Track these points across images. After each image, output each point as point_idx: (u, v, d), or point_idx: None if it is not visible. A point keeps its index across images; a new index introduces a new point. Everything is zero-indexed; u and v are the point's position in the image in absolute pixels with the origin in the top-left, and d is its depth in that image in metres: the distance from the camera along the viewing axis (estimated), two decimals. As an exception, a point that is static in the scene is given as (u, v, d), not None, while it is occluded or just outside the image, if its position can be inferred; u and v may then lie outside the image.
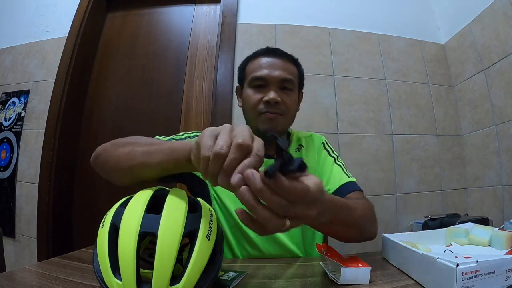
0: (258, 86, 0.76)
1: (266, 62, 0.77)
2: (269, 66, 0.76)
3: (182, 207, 0.40)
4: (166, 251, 0.35)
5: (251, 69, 0.78)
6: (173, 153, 0.45)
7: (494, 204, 1.25)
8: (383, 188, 1.39)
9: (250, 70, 0.79)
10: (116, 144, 0.57)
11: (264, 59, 0.77)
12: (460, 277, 0.36)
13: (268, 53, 0.79)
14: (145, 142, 0.55)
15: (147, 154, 0.49)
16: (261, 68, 0.76)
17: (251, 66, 0.79)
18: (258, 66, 0.77)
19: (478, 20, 1.33)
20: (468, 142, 1.44)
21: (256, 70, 0.76)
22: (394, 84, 1.51)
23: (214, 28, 1.63)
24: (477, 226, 0.64)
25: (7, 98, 1.63)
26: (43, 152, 1.45)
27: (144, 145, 0.52)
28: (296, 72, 0.80)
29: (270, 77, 0.74)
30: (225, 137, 0.33)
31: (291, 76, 0.77)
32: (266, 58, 0.77)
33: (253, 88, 0.77)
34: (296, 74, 0.80)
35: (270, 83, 0.74)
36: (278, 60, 0.77)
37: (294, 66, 0.80)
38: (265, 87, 0.75)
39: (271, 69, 0.75)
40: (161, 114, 1.54)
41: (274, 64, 0.76)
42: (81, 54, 1.57)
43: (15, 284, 0.43)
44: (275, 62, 0.76)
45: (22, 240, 1.44)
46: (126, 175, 0.53)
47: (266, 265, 0.59)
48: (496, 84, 1.25)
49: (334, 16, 1.55)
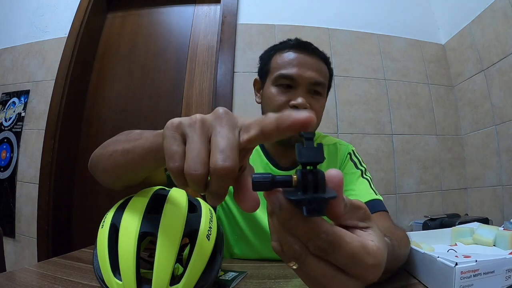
0: (286, 86, 0.66)
1: (296, 58, 0.66)
2: (300, 64, 0.66)
3: (182, 207, 0.41)
4: (166, 251, 0.36)
5: (278, 64, 0.68)
6: (147, 153, 0.36)
7: (494, 204, 1.25)
8: (383, 188, 1.38)
9: (277, 64, 0.68)
10: (104, 145, 0.49)
11: (294, 54, 0.67)
12: (459, 276, 0.36)
13: (299, 47, 0.68)
14: (126, 138, 0.44)
15: (126, 153, 0.40)
16: (291, 65, 0.66)
17: (278, 59, 0.69)
18: (287, 62, 0.67)
19: (478, 20, 1.33)
20: (468, 142, 1.44)
21: (285, 66, 0.66)
22: (394, 84, 1.51)
23: (214, 28, 1.63)
24: (482, 225, 0.64)
25: (7, 98, 1.63)
26: (43, 152, 1.45)
27: (125, 141, 0.42)
28: (327, 73, 0.71)
29: (300, 78, 0.65)
30: (197, 148, 0.22)
31: (323, 78, 0.68)
32: (297, 54, 0.67)
33: (278, 86, 0.67)
34: (327, 75, 0.71)
35: (299, 84, 0.65)
36: (310, 57, 0.67)
37: (326, 65, 0.70)
38: (292, 88, 0.65)
39: (302, 68, 0.65)
40: (161, 114, 1.54)
41: (306, 62, 0.66)
42: (81, 54, 1.57)
43: (15, 284, 0.43)
44: (307, 60, 0.66)
45: (22, 240, 1.44)
46: (115, 180, 0.47)
47: (266, 265, 0.59)
48: (496, 84, 1.25)
49: (334, 16, 1.55)
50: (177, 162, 0.23)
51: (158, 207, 0.39)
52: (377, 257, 0.20)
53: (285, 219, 0.19)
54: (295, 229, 0.19)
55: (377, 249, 0.20)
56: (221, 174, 0.21)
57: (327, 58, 0.72)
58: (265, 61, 0.73)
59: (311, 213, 0.18)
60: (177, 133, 0.24)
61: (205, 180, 0.22)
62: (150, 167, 0.38)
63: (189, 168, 0.21)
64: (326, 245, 0.19)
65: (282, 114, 0.20)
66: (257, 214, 0.68)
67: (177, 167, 0.22)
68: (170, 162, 0.23)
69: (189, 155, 0.22)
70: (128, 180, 0.45)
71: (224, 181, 0.21)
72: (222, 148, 0.21)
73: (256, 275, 0.52)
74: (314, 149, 0.19)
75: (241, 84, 1.41)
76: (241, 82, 1.41)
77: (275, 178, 0.19)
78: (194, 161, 0.22)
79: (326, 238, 0.18)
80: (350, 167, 0.71)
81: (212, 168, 0.21)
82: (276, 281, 0.49)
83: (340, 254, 0.19)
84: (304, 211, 0.18)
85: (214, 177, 0.21)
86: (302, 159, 0.19)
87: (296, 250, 0.19)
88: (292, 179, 0.19)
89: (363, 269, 0.19)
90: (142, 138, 0.38)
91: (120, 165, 0.42)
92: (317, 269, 0.20)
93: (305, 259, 0.19)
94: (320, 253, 0.19)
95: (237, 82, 1.42)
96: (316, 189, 0.18)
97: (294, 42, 0.71)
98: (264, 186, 0.19)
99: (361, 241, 0.20)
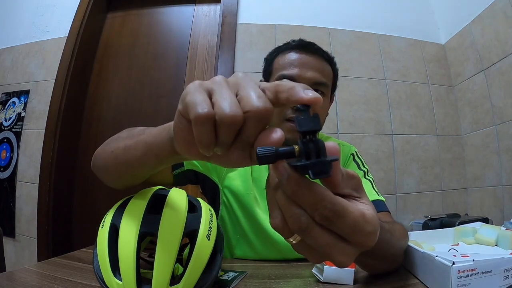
0: None
1: (297, 59, 0.66)
2: (301, 64, 0.65)
3: (182, 207, 0.41)
4: (166, 251, 0.36)
5: (280, 65, 0.68)
6: (150, 149, 0.35)
7: (494, 204, 1.25)
8: (383, 188, 1.38)
9: (279, 65, 0.68)
10: (106, 142, 0.48)
11: (295, 54, 0.67)
12: (456, 275, 0.37)
13: (301, 48, 0.68)
14: (128, 134, 0.43)
15: (128, 149, 0.39)
16: (292, 66, 0.66)
17: (280, 60, 0.69)
18: (289, 63, 0.66)
19: (478, 20, 1.33)
20: (468, 142, 1.44)
21: (286, 67, 0.66)
22: (394, 84, 1.51)
23: (214, 28, 1.63)
24: (484, 225, 0.64)
25: (7, 98, 1.63)
26: (43, 152, 1.45)
27: (127, 138, 0.42)
28: (331, 74, 0.70)
29: (301, 79, 0.64)
30: (229, 95, 0.21)
31: (326, 79, 0.67)
32: (298, 54, 0.67)
33: None
34: (331, 76, 0.70)
35: None
36: (312, 58, 0.66)
37: (329, 66, 0.70)
38: None
39: (303, 68, 0.65)
40: (161, 114, 1.54)
41: (307, 62, 0.66)
42: (81, 54, 1.57)
43: (15, 284, 0.43)
44: (308, 60, 0.66)
45: (22, 240, 1.44)
46: (117, 179, 0.46)
47: (266, 265, 0.60)
48: (496, 84, 1.25)
49: (334, 16, 1.55)
50: (206, 108, 0.21)
51: (158, 207, 0.39)
52: (374, 225, 0.21)
53: (293, 190, 0.19)
54: (302, 199, 0.20)
55: (373, 217, 0.21)
56: (262, 115, 0.20)
57: (332, 58, 0.72)
58: (268, 62, 0.73)
59: (317, 175, 0.19)
60: (201, 88, 0.23)
61: (241, 125, 0.21)
62: (152, 163, 0.37)
63: (224, 111, 0.20)
64: (331, 214, 0.19)
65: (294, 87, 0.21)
66: (259, 216, 0.68)
67: (206, 112, 0.21)
68: (198, 109, 0.21)
69: (222, 101, 0.21)
70: (130, 179, 0.44)
71: (263, 124, 0.21)
72: (258, 94, 0.21)
73: (256, 275, 0.52)
74: (311, 118, 0.20)
75: (241, 84, 1.41)
76: (241, 82, 1.41)
77: (279, 150, 0.20)
78: (230, 104, 0.20)
79: (332, 207, 0.19)
80: (353, 168, 0.70)
81: (253, 110, 0.20)
82: (276, 281, 0.49)
83: (344, 223, 0.20)
84: (311, 174, 0.19)
85: (252, 120, 0.20)
86: (302, 128, 0.20)
87: (303, 221, 0.20)
88: (295, 150, 0.20)
89: (362, 236, 0.20)
90: (145, 134, 0.37)
91: (122, 162, 0.41)
92: (320, 239, 0.20)
93: (311, 230, 0.20)
94: (324, 222, 0.20)
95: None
96: (318, 155, 0.19)
97: (296, 43, 0.71)
98: (269, 158, 0.19)
99: (360, 209, 0.21)
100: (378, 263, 0.45)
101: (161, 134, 0.33)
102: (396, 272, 0.51)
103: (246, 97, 0.21)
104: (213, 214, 0.46)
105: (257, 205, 0.69)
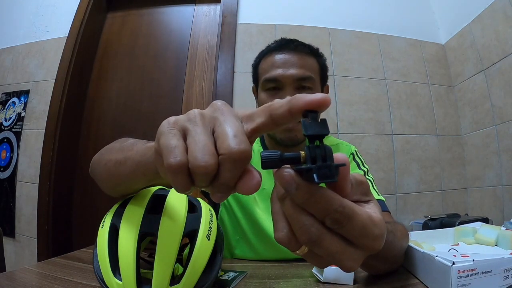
0: (272, 89, 0.67)
1: (279, 60, 0.67)
2: (283, 64, 0.66)
3: (182, 207, 0.41)
4: (166, 251, 0.36)
5: (264, 69, 0.69)
6: (137, 168, 0.34)
7: (494, 204, 1.25)
8: (383, 188, 1.38)
9: (263, 69, 0.69)
10: (101, 152, 0.48)
11: (277, 55, 0.67)
12: (456, 275, 0.37)
13: (281, 47, 0.69)
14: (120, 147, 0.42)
15: (118, 164, 0.39)
16: (274, 67, 0.66)
17: (263, 64, 0.70)
18: (271, 65, 0.67)
19: (478, 20, 1.33)
20: (468, 142, 1.44)
21: (268, 70, 0.67)
22: (394, 84, 1.51)
23: (214, 28, 1.63)
24: (484, 225, 0.64)
25: (7, 98, 1.62)
26: (43, 152, 1.45)
27: (118, 151, 0.41)
28: (316, 66, 0.70)
29: (284, 78, 0.65)
30: (202, 139, 0.20)
31: (310, 72, 0.67)
32: (279, 55, 0.67)
33: (266, 91, 0.67)
34: (316, 68, 0.69)
35: (285, 84, 0.65)
36: (293, 54, 0.67)
37: (314, 58, 0.70)
38: (280, 89, 0.66)
39: (284, 67, 0.65)
40: (161, 114, 1.53)
41: (288, 61, 0.66)
42: (81, 54, 1.57)
43: (15, 284, 0.43)
44: (289, 58, 0.66)
45: (22, 240, 1.44)
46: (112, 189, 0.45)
47: (266, 265, 0.60)
48: (496, 84, 1.25)
49: (334, 16, 1.55)
50: (178, 156, 0.20)
51: (158, 207, 0.39)
52: (381, 228, 0.20)
53: (303, 198, 0.19)
54: (314, 206, 0.19)
55: (380, 220, 0.21)
56: (238, 159, 0.19)
57: (316, 50, 0.71)
58: (255, 68, 0.74)
59: (322, 179, 0.18)
60: (175, 129, 0.22)
61: (215, 172, 0.20)
62: (142, 181, 0.37)
63: (196, 160, 0.19)
64: (342, 217, 0.19)
65: (294, 96, 0.20)
66: (258, 216, 0.68)
67: (178, 162, 0.20)
68: (170, 157, 0.20)
69: (194, 147, 0.20)
70: (125, 190, 0.44)
71: (239, 167, 0.20)
72: (234, 133, 0.20)
73: (256, 275, 0.52)
74: (319, 123, 0.19)
75: (241, 84, 1.41)
76: (241, 82, 1.41)
77: (284, 154, 0.19)
78: (202, 152, 0.19)
79: (343, 210, 0.19)
80: (352, 167, 0.70)
81: (227, 153, 0.19)
82: (276, 281, 0.49)
83: (353, 226, 0.19)
84: (315, 177, 0.18)
85: (227, 164, 0.19)
86: (309, 132, 0.19)
87: (313, 232, 0.19)
88: (301, 155, 0.19)
89: (370, 239, 0.20)
90: (133, 150, 0.36)
91: (114, 175, 0.41)
92: (331, 246, 0.19)
93: (321, 241, 0.19)
94: (335, 226, 0.19)
95: (237, 82, 1.42)
96: (324, 160, 0.18)
97: (275, 44, 0.71)
98: (273, 163, 0.19)
99: (367, 212, 0.20)
100: (379, 264, 0.45)
101: (146, 155, 0.32)
102: (396, 272, 0.51)
103: (221, 136, 0.20)
104: (213, 214, 0.46)
105: (257, 206, 0.69)
